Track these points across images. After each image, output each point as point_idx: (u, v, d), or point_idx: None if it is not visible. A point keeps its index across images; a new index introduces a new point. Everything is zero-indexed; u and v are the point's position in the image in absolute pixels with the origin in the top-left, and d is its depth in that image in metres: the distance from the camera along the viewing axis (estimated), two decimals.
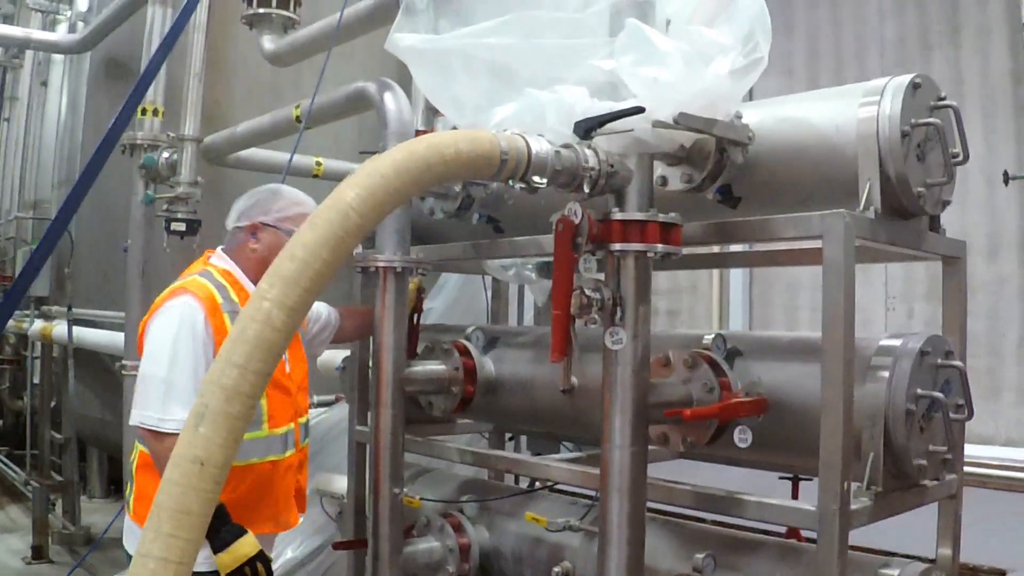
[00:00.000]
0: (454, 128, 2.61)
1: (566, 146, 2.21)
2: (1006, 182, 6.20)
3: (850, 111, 2.33)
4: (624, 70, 2.24)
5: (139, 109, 4.52)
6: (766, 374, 2.45)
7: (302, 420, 2.99)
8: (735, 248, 3.27)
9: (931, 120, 2.27)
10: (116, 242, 5.31)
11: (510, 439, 3.85)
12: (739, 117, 2.40)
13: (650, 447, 2.38)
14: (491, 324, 3.84)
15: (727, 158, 2.43)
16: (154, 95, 4.67)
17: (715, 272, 8.23)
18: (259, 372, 1.76)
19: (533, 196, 2.22)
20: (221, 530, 2.55)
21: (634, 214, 2.29)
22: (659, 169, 2.48)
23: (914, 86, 2.28)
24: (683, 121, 2.22)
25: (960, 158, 2.38)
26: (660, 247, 2.29)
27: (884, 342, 2.31)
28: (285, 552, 3.92)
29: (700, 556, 2.50)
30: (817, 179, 2.41)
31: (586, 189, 2.22)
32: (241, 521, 2.61)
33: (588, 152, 2.23)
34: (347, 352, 3.65)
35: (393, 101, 3.01)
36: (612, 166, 2.25)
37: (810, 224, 2.23)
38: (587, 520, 2.84)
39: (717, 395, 2.41)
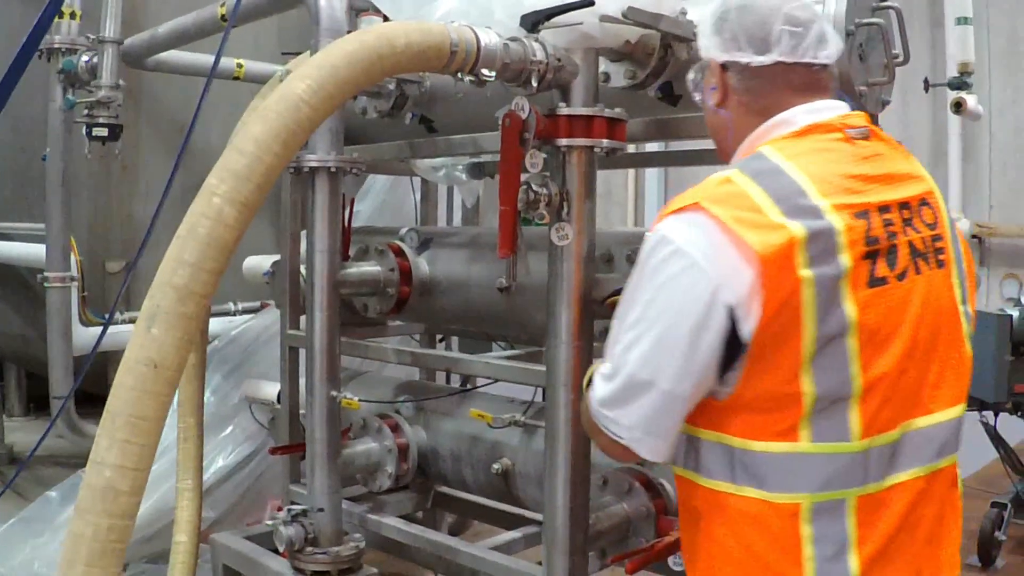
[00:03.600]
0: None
1: (513, 39, 2.16)
2: (926, 89, 6.37)
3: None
4: None
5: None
6: None
7: None
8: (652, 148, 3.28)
9: (874, 20, 2.29)
10: (29, 152, 5.06)
11: (440, 340, 3.86)
12: (684, 13, 2.38)
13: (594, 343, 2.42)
14: (422, 226, 3.80)
15: (671, 55, 2.42)
16: None
17: (630, 176, 8.29)
18: (212, 271, 1.71)
19: (463, 97, 2.16)
20: None
21: (580, 109, 2.27)
22: (602, 65, 2.45)
23: None
24: (631, 15, 2.19)
25: (901, 59, 2.42)
26: (606, 142, 2.29)
27: None
28: (216, 460, 3.88)
29: None
30: None
31: (534, 83, 2.19)
32: None
33: (536, 46, 2.19)
34: (274, 257, 3.58)
35: None
36: (559, 60, 2.22)
37: None
38: (529, 415, 2.89)
39: None
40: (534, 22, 2.20)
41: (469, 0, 2.23)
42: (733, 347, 1.50)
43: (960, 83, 6.06)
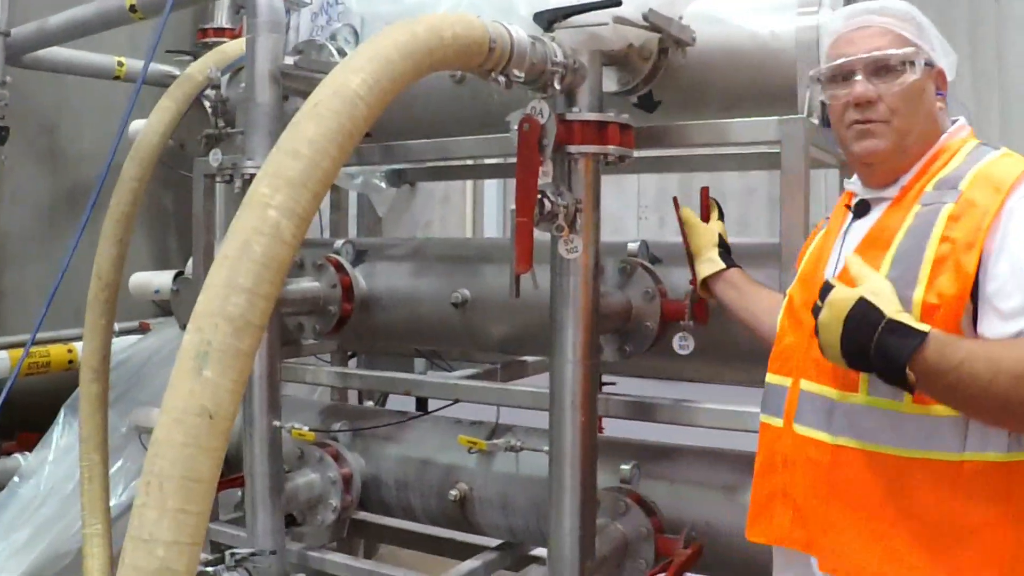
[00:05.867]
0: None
1: (536, 39, 2.00)
2: None
3: (787, 18, 2.31)
4: None
5: None
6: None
7: None
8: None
9: None
10: None
11: (351, 357, 3.59)
12: (680, 18, 2.31)
13: None
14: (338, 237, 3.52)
15: (663, 60, 2.34)
16: None
17: (468, 183, 8.18)
18: (269, 297, 1.45)
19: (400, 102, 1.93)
20: None
21: (594, 115, 2.14)
22: None
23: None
24: (652, 18, 2.09)
25: None
26: (617, 149, 2.17)
27: None
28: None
29: (626, 467, 2.48)
30: (747, 85, 2.39)
31: (557, 86, 2.04)
32: None
33: (554, 46, 2.04)
34: (164, 273, 3.21)
35: None
36: (575, 63, 2.09)
37: (766, 129, 2.20)
38: (490, 437, 2.72)
39: (658, 302, 2.36)
40: (551, 20, 2.05)
41: None
42: None
43: None
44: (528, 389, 2.66)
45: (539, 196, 2.05)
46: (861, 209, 1.77)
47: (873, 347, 1.44)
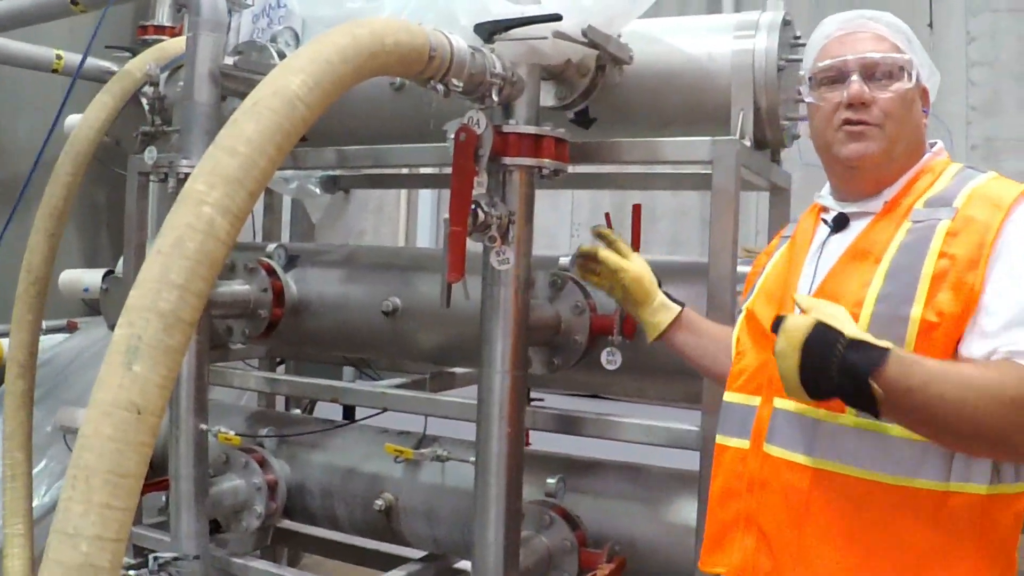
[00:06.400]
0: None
1: (476, 49, 2.03)
2: None
3: (724, 40, 2.38)
4: None
5: None
6: None
7: None
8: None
9: (802, 57, 2.37)
10: None
11: (279, 364, 3.55)
12: (619, 36, 2.35)
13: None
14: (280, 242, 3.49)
15: (600, 77, 2.38)
16: None
17: (403, 193, 8.17)
18: (201, 294, 1.44)
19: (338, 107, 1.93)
20: None
21: (529, 128, 2.17)
22: None
23: (784, 23, 2.38)
24: (591, 35, 2.13)
25: None
26: (552, 163, 2.20)
27: None
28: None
29: (552, 480, 2.50)
30: (682, 105, 2.44)
31: (494, 98, 2.06)
32: None
33: (494, 58, 2.07)
34: (94, 271, 3.15)
35: None
36: (513, 75, 2.12)
37: (699, 149, 2.25)
38: (415, 446, 2.72)
39: (587, 317, 2.39)
40: (491, 32, 2.07)
41: (427, 2, 2.05)
42: None
43: None
44: (456, 400, 2.67)
45: (473, 206, 2.07)
46: (840, 222, 1.71)
47: (835, 366, 1.35)
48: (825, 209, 1.77)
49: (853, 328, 1.40)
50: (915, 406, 1.38)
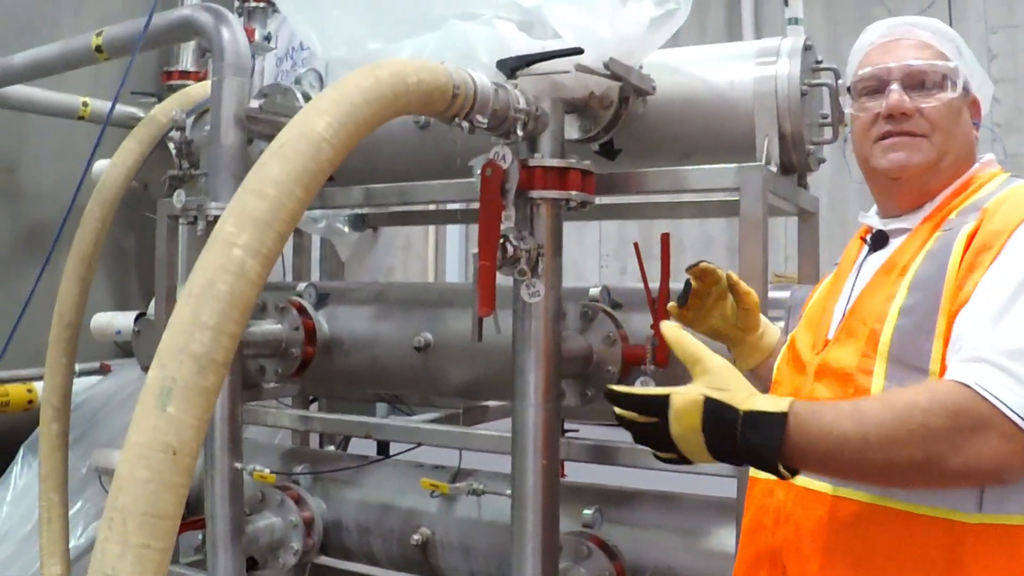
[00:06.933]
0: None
1: (500, 85, 2.05)
2: None
3: (746, 68, 2.38)
4: (550, 10, 2.11)
5: None
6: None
7: None
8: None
9: (825, 82, 2.38)
10: None
11: (312, 400, 3.57)
12: (640, 67, 2.37)
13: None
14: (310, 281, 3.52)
15: (624, 109, 2.39)
16: None
17: (430, 229, 8.23)
18: (234, 336, 1.46)
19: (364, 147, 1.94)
20: None
21: (555, 161, 2.18)
22: None
23: (805, 48, 2.38)
24: (613, 67, 2.15)
25: (829, 119, 2.52)
26: (578, 195, 2.21)
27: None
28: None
29: (588, 511, 2.49)
30: (705, 133, 2.44)
31: (519, 133, 2.08)
32: None
33: (517, 93, 2.08)
34: (127, 313, 3.20)
35: (229, 32, 2.62)
36: (537, 109, 2.13)
37: (725, 176, 2.26)
38: (461, 484, 2.72)
39: (619, 347, 2.38)
40: (514, 68, 2.10)
41: (447, 41, 2.08)
42: None
43: None
44: (490, 433, 2.66)
45: (501, 240, 2.08)
46: (879, 241, 1.63)
47: (740, 449, 1.30)
48: (871, 229, 1.69)
49: (742, 393, 1.33)
50: (824, 455, 1.30)
